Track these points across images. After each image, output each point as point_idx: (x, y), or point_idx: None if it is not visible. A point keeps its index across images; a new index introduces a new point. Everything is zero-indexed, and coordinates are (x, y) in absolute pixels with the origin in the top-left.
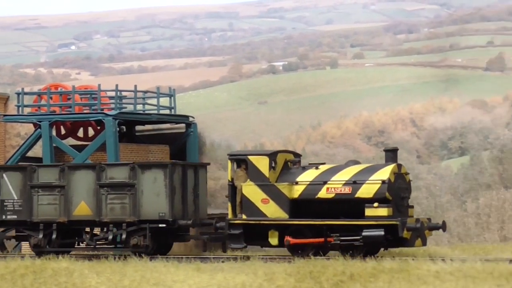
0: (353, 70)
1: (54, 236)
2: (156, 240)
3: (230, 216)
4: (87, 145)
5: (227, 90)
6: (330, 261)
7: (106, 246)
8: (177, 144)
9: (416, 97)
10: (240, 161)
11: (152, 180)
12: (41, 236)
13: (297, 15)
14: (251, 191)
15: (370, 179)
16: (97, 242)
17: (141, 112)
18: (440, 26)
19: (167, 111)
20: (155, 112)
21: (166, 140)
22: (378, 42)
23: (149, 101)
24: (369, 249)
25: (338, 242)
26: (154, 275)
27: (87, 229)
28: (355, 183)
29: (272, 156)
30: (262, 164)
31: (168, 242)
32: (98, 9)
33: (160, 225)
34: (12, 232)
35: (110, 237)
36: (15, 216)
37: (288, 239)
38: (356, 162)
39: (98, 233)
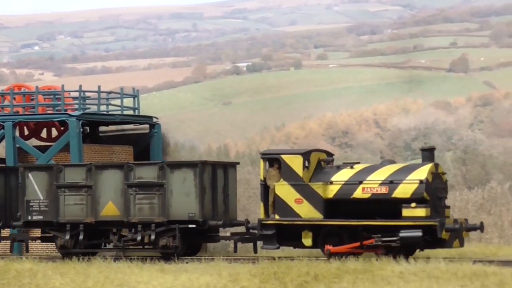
0: (316, 71)
1: (81, 237)
2: (186, 241)
3: (262, 216)
4: (50, 145)
5: (191, 91)
6: (294, 262)
7: (134, 247)
8: (141, 145)
9: (380, 98)
10: (273, 160)
11: (182, 179)
12: (67, 237)
13: (261, 15)
14: (285, 190)
15: (407, 178)
16: (125, 243)
17: (105, 112)
18: (404, 27)
19: (130, 112)
20: (119, 112)
21: (129, 141)
22: (341, 43)
23: (112, 101)
24: (405, 250)
25: (380, 243)
26: (118, 276)
27: (115, 230)
28: (391, 182)
29: (306, 155)
30: (295, 163)
31: (198, 243)
32: (61, 9)
33: (190, 226)
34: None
35: (139, 238)
36: (41, 217)
37: (329, 248)
38: (392, 162)
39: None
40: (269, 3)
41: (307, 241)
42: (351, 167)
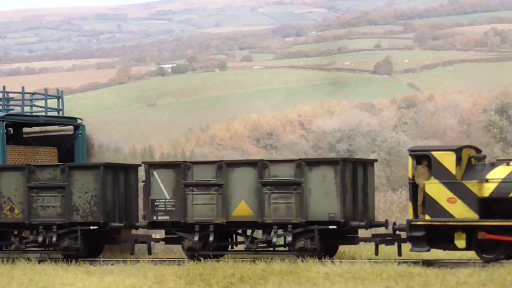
0: (241, 72)
1: (211, 238)
2: (324, 242)
3: (410, 216)
4: None
5: (116, 92)
6: (220, 263)
7: (265, 249)
8: (65, 146)
9: (305, 100)
10: (422, 157)
11: (321, 178)
12: (196, 238)
13: (186, 17)
14: (436, 189)
15: None
16: (259, 245)
17: (29, 114)
18: (328, 29)
19: (55, 113)
20: (43, 114)
21: (54, 142)
22: (266, 44)
23: (36, 103)
24: None
25: None
26: (42, 278)
27: (244, 231)
28: None
29: (458, 151)
30: (447, 160)
31: (335, 245)
32: None
33: (330, 227)
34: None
35: (274, 239)
36: (167, 217)
37: (483, 233)
38: None
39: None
40: (194, 5)
41: (461, 243)
42: (507, 164)
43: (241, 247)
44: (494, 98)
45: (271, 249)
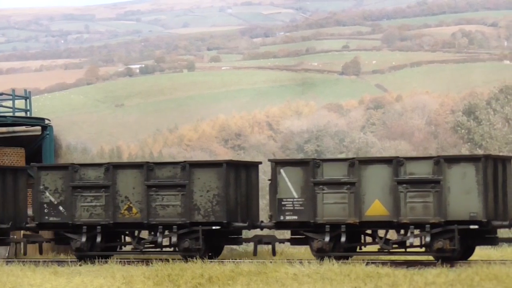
0: (210, 73)
1: (343, 239)
2: (463, 243)
3: None
4: None
5: (84, 93)
6: (188, 264)
7: (398, 250)
8: (32, 147)
9: (273, 101)
10: None
11: (461, 175)
12: (327, 239)
13: (154, 17)
14: None
15: None
16: (393, 246)
17: None
18: (296, 30)
19: (22, 114)
20: (10, 114)
21: (21, 143)
22: (234, 45)
23: (4, 103)
24: None
25: None
26: (10, 279)
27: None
28: None
29: None
30: None
31: (474, 245)
32: None
33: (471, 227)
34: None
35: (412, 240)
36: (295, 217)
37: None
38: None
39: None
40: (162, 5)
41: None
42: None
43: (369, 248)
44: (461, 99)
45: (403, 250)
